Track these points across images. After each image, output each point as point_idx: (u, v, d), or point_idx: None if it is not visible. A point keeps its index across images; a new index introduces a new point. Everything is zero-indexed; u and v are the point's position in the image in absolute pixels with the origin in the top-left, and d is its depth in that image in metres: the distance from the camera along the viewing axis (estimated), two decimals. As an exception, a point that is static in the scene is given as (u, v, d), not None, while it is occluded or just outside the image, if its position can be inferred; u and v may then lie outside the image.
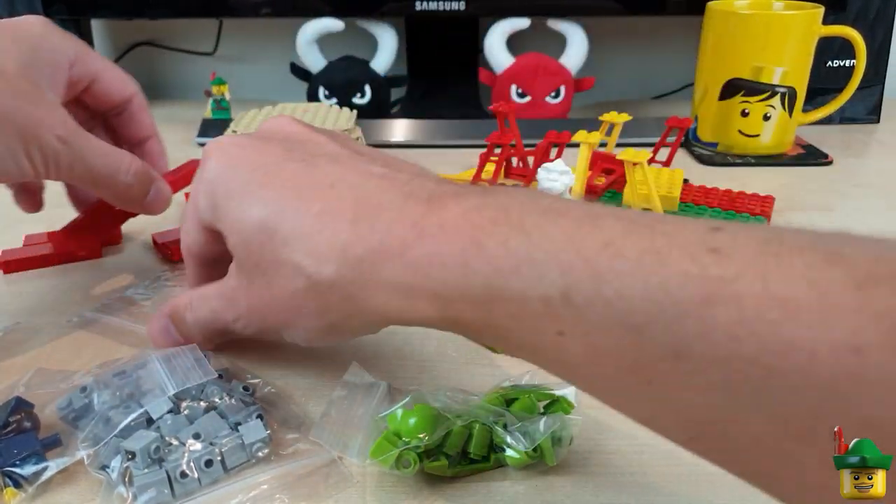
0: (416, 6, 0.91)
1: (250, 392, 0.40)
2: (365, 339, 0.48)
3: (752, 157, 0.82)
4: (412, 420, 0.35)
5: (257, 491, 0.34)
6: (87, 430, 0.36)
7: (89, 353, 0.45)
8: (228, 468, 0.35)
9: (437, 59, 1.01)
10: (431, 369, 0.45)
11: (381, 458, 0.34)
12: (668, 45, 1.12)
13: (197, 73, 1.14)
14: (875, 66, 0.92)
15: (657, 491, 0.35)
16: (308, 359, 0.46)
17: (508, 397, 0.38)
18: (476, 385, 0.41)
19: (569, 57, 0.92)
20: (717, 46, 0.80)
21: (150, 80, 1.17)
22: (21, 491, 0.34)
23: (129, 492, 0.33)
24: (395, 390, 0.41)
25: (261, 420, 0.37)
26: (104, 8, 0.94)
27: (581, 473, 0.36)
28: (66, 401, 0.38)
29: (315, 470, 0.36)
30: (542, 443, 0.35)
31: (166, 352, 0.40)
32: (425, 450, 0.34)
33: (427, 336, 0.48)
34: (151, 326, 0.42)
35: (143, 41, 1.13)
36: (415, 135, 0.90)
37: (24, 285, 0.55)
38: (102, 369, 0.40)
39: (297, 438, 0.38)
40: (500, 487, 0.35)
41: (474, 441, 0.35)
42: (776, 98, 0.78)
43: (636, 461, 0.37)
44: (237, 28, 1.12)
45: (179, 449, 0.35)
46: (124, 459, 0.34)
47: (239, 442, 0.36)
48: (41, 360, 0.45)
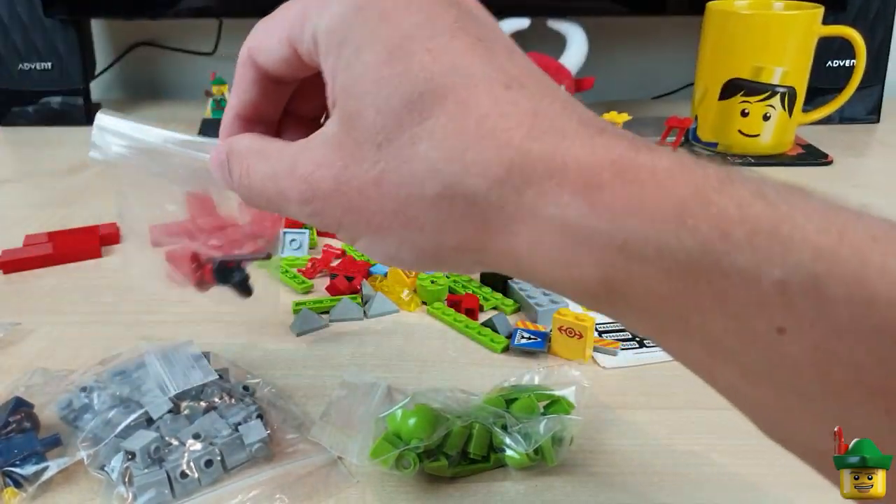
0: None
1: (250, 392, 0.40)
2: (365, 338, 0.48)
3: (751, 157, 0.82)
4: (412, 420, 0.35)
5: (257, 491, 0.34)
6: (87, 430, 0.36)
7: (89, 352, 0.45)
8: (228, 468, 0.35)
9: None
10: (431, 369, 0.45)
11: (381, 458, 0.34)
12: (668, 45, 1.12)
13: (197, 73, 1.14)
14: (875, 66, 0.92)
15: (657, 491, 0.35)
16: (308, 359, 0.46)
17: (508, 397, 0.38)
18: (476, 385, 0.41)
19: (569, 57, 0.92)
20: (717, 46, 0.80)
21: (150, 80, 1.17)
22: (21, 491, 0.34)
23: (129, 492, 0.33)
24: (395, 390, 0.41)
25: (261, 420, 0.37)
26: (104, 8, 0.94)
27: (581, 473, 0.36)
28: (66, 401, 0.38)
29: (315, 470, 0.36)
30: (542, 444, 0.35)
31: (166, 352, 0.40)
32: (425, 450, 0.34)
33: (427, 336, 0.48)
34: (212, 159, 0.33)
35: (143, 41, 1.13)
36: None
37: (24, 285, 0.55)
38: (102, 369, 0.40)
39: (297, 438, 0.38)
40: (500, 487, 0.35)
41: (474, 441, 0.35)
42: (776, 98, 0.78)
43: (636, 461, 0.37)
44: (237, 28, 1.11)
45: (179, 449, 0.35)
46: (124, 459, 0.34)
47: (239, 442, 0.36)
48: (41, 360, 0.45)
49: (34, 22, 0.93)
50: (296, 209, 0.29)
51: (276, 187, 0.29)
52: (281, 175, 0.29)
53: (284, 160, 0.29)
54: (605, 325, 0.49)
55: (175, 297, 0.53)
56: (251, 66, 0.32)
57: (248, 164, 0.31)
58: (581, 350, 0.45)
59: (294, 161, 0.29)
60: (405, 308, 0.51)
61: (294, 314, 0.50)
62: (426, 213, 0.26)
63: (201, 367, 0.39)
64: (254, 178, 0.30)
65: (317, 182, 0.28)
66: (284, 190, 0.29)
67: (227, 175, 0.32)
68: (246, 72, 0.32)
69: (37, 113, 0.97)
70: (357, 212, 0.28)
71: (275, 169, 0.29)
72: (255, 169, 0.30)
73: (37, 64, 0.95)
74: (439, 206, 0.26)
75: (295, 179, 0.29)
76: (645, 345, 0.47)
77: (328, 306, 0.51)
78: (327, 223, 0.29)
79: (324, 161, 0.28)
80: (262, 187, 0.30)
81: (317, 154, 0.28)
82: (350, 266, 0.55)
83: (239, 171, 0.31)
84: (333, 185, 0.28)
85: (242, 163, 0.31)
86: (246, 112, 0.33)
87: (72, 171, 0.63)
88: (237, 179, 0.31)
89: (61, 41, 0.95)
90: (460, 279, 0.54)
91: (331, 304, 0.51)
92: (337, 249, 0.59)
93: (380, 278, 0.54)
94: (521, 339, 0.46)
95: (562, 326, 0.45)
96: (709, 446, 0.38)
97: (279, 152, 0.30)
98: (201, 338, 0.45)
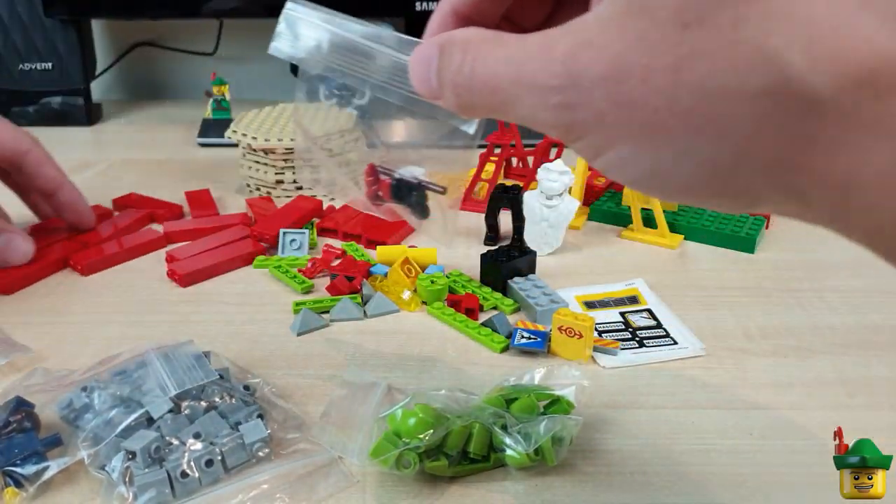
0: (416, 6, 0.91)
1: (250, 392, 0.40)
2: (365, 338, 0.48)
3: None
4: (412, 420, 0.35)
5: (258, 491, 0.34)
6: (87, 429, 0.36)
7: (89, 352, 0.45)
8: (229, 468, 0.35)
9: (438, 59, 1.01)
10: (431, 369, 0.45)
11: (380, 458, 0.34)
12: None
13: (197, 73, 1.14)
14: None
15: (657, 491, 0.35)
16: (308, 359, 0.46)
17: (508, 397, 0.38)
18: (476, 385, 0.42)
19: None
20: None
21: (151, 80, 1.17)
22: (22, 490, 0.34)
23: (129, 491, 0.33)
24: (395, 390, 0.41)
25: (261, 420, 0.37)
26: (104, 8, 0.94)
27: (581, 473, 0.36)
28: (67, 401, 0.38)
29: (315, 470, 0.36)
30: (542, 444, 0.35)
31: (166, 351, 0.40)
32: (425, 450, 0.34)
33: (427, 336, 0.48)
34: (416, 52, 0.29)
35: (143, 41, 1.13)
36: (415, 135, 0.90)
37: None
38: (103, 369, 0.40)
39: (297, 438, 0.38)
40: (500, 487, 0.35)
41: (474, 441, 0.35)
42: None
43: (636, 461, 0.37)
44: (237, 28, 1.12)
45: (180, 449, 0.35)
46: (125, 459, 0.34)
47: (239, 441, 0.36)
48: (41, 360, 0.45)
49: (35, 22, 0.93)
50: (536, 99, 0.24)
51: (513, 72, 0.24)
52: (524, 58, 0.24)
53: (530, 44, 0.24)
54: (604, 325, 0.49)
55: (175, 297, 0.54)
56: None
57: (475, 51, 0.26)
58: (581, 350, 0.45)
59: (548, 42, 0.23)
60: (406, 308, 0.51)
61: (294, 314, 0.50)
62: (737, 113, 0.21)
63: (202, 366, 0.39)
64: (481, 65, 0.25)
65: (582, 64, 0.23)
66: (527, 74, 0.24)
67: (432, 71, 0.27)
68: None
69: (37, 113, 0.97)
70: (632, 106, 0.22)
71: (514, 53, 0.24)
72: (486, 55, 0.25)
73: (37, 64, 0.95)
74: (760, 106, 0.21)
75: (546, 60, 0.23)
76: (645, 345, 0.47)
77: (328, 306, 0.51)
78: (579, 119, 0.23)
79: (597, 41, 0.22)
80: (491, 74, 0.25)
81: (586, 34, 0.23)
82: (350, 266, 0.55)
83: (460, 60, 0.26)
84: (607, 69, 0.22)
85: (467, 51, 0.26)
86: (464, 8, 0.29)
87: (73, 172, 0.63)
88: (455, 69, 0.26)
89: (62, 41, 0.95)
90: (460, 279, 0.54)
91: (331, 303, 0.51)
92: (337, 249, 0.59)
93: (380, 278, 0.54)
94: (521, 339, 0.46)
95: (562, 326, 0.45)
96: (709, 446, 0.38)
97: (520, 39, 0.24)
98: (201, 338, 0.45)
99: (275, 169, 0.70)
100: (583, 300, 0.52)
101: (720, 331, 0.49)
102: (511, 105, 0.25)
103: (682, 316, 0.50)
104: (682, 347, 0.47)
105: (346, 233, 0.63)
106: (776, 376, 0.44)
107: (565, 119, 0.23)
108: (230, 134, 0.72)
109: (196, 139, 0.90)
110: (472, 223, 0.65)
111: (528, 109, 0.24)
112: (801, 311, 0.51)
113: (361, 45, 0.30)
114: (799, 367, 0.45)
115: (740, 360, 0.45)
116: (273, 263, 0.57)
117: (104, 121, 1.01)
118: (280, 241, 0.60)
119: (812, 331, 0.48)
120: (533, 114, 0.24)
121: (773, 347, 0.47)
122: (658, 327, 0.49)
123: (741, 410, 0.41)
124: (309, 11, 0.31)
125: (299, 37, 0.31)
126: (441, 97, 0.27)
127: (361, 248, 0.60)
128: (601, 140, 0.23)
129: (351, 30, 0.30)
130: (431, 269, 0.54)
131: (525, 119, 0.25)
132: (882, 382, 0.43)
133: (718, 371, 0.44)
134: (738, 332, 0.48)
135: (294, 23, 0.31)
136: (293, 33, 0.31)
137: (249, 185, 0.73)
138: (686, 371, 0.44)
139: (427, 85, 0.28)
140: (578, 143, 0.24)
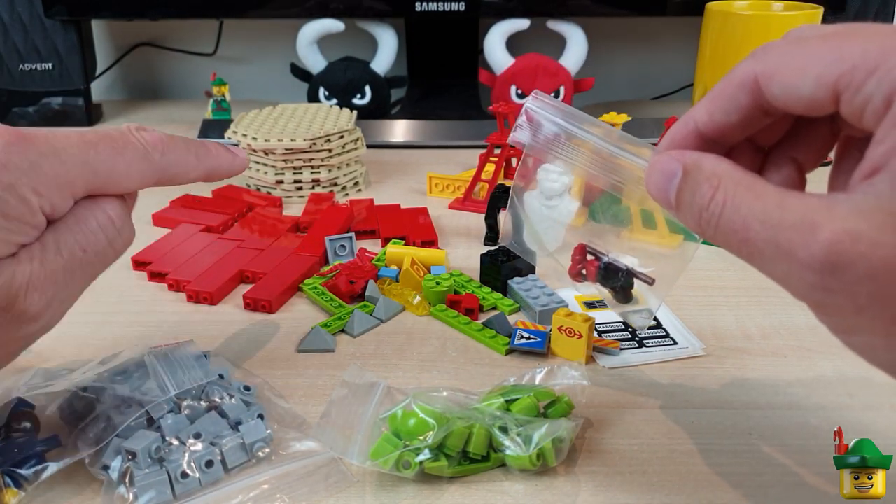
0: (416, 7, 0.91)
1: (251, 392, 0.40)
2: (365, 338, 0.48)
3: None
4: (412, 420, 0.35)
5: (258, 491, 0.34)
6: (87, 430, 0.36)
7: (89, 352, 0.45)
8: (229, 468, 0.35)
9: (437, 59, 1.01)
10: (431, 369, 0.45)
11: (381, 458, 0.34)
12: (668, 46, 1.12)
13: (197, 73, 1.14)
14: (875, 67, 0.92)
15: (657, 491, 0.35)
16: (308, 359, 0.46)
17: (508, 397, 0.38)
18: (476, 385, 0.42)
19: (568, 57, 0.92)
20: (717, 47, 0.80)
21: (151, 81, 1.17)
22: (21, 491, 0.34)
23: (129, 492, 0.33)
24: (395, 390, 0.41)
25: (261, 420, 0.37)
26: (104, 8, 0.94)
27: (581, 473, 0.36)
28: (67, 401, 0.38)
29: (315, 470, 0.36)
30: (543, 447, 0.35)
31: (166, 352, 0.40)
32: (425, 450, 0.34)
33: (427, 336, 0.48)
34: (657, 162, 0.29)
35: (143, 41, 1.13)
36: (415, 135, 0.90)
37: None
38: (103, 369, 0.40)
39: (297, 438, 0.38)
40: (500, 487, 0.35)
41: (474, 441, 0.35)
42: (776, 98, 0.78)
43: (636, 461, 0.37)
44: (237, 28, 1.12)
45: (180, 449, 0.35)
46: (125, 459, 0.34)
47: (240, 442, 0.36)
48: (41, 360, 0.45)
49: (35, 23, 0.93)
50: (791, 269, 0.24)
51: (769, 235, 0.24)
52: (782, 224, 0.24)
53: (789, 211, 0.24)
54: (605, 325, 0.49)
55: (175, 296, 0.54)
56: (751, 92, 0.28)
57: (726, 192, 0.26)
58: (581, 350, 0.45)
59: (811, 218, 0.23)
60: (415, 312, 0.51)
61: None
62: None
63: (202, 366, 0.40)
64: (732, 210, 0.26)
65: (848, 259, 0.22)
66: (784, 243, 0.24)
67: (671, 188, 0.28)
68: (739, 95, 0.29)
69: (37, 113, 0.97)
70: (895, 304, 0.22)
71: (772, 213, 0.24)
72: (739, 203, 0.25)
73: (37, 64, 0.95)
74: None
75: (808, 238, 0.23)
76: (645, 345, 0.47)
77: (337, 327, 0.48)
78: (834, 303, 0.23)
79: (867, 236, 0.22)
80: (743, 225, 0.25)
81: (855, 224, 0.22)
82: (355, 271, 0.54)
83: (709, 196, 0.26)
84: (875, 271, 0.22)
85: (718, 188, 0.26)
86: (711, 133, 0.30)
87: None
88: (702, 202, 0.27)
89: (62, 42, 0.95)
90: (461, 279, 0.54)
91: (338, 324, 0.49)
92: (371, 253, 0.58)
93: (388, 281, 0.53)
94: (521, 339, 0.46)
95: (561, 326, 0.45)
96: (709, 446, 0.38)
97: (776, 196, 0.25)
98: (201, 338, 0.45)
99: (275, 169, 0.70)
100: (583, 300, 0.52)
101: (720, 331, 0.49)
102: (760, 260, 0.25)
103: (681, 316, 0.50)
104: (682, 347, 0.47)
105: (386, 238, 0.61)
106: (776, 376, 0.44)
107: (818, 298, 0.23)
108: (230, 134, 0.72)
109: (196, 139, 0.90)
110: (472, 223, 0.65)
111: (779, 273, 0.24)
112: (801, 311, 0.51)
113: (600, 146, 0.33)
114: (799, 367, 0.45)
115: (740, 360, 0.45)
116: (316, 283, 0.54)
117: (104, 121, 1.01)
118: (328, 248, 0.58)
119: (812, 331, 0.48)
120: (784, 279, 0.24)
121: (773, 347, 0.47)
122: (658, 327, 0.49)
123: (741, 410, 0.41)
124: (547, 107, 0.34)
125: (540, 129, 0.34)
126: (675, 214, 0.28)
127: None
128: (853, 325, 0.23)
129: (584, 124, 0.34)
130: (435, 269, 0.54)
131: (773, 277, 0.25)
132: (882, 382, 0.43)
133: (718, 371, 0.44)
134: (737, 332, 0.48)
135: (534, 118, 0.34)
136: (533, 127, 0.34)
137: (250, 185, 0.73)
138: (686, 371, 0.44)
139: (664, 197, 0.28)
140: (828, 320, 0.24)
